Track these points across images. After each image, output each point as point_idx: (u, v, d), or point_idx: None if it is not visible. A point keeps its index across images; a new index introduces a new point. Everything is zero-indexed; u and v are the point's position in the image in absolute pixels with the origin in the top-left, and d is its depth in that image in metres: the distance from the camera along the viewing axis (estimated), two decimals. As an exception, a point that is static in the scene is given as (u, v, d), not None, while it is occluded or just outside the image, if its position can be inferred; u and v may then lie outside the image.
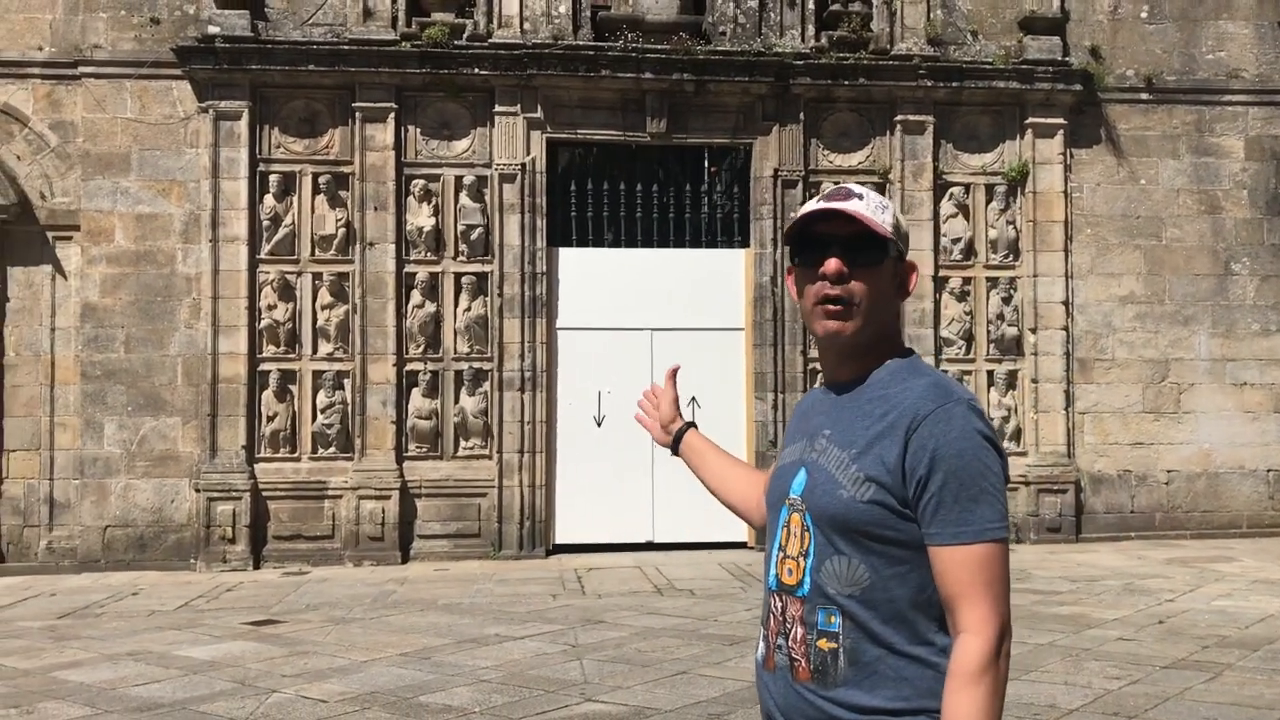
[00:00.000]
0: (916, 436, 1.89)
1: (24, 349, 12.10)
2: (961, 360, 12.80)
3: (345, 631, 8.58)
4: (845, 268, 1.99)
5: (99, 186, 11.96)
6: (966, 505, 1.85)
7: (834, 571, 1.95)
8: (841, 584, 1.94)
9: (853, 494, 1.93)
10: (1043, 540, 12.59)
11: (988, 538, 1.85)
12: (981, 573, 1.84)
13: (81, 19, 12.10)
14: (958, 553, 1.85)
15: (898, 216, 2.06)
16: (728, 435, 12.61)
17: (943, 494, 1.86)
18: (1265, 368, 13.24)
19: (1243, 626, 8.38)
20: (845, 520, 1.93)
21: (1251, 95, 13.36)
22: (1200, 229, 13.26)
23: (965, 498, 1.85)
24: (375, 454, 12.03)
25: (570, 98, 12.40)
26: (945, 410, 1.90)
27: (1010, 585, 1.89)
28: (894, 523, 1.90)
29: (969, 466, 1.86)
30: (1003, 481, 1.90)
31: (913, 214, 12.64)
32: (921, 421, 1.89)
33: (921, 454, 1.87)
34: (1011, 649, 1.89)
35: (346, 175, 12.20)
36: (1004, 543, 1.87)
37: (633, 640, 8.10)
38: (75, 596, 10.34)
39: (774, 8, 12.69)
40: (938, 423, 1.88)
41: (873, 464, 1.92)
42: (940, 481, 1.86)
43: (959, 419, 1.89)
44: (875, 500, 1.91)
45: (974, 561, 1.84)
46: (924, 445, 1.88)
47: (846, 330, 2.01)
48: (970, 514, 1.85)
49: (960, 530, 1.85)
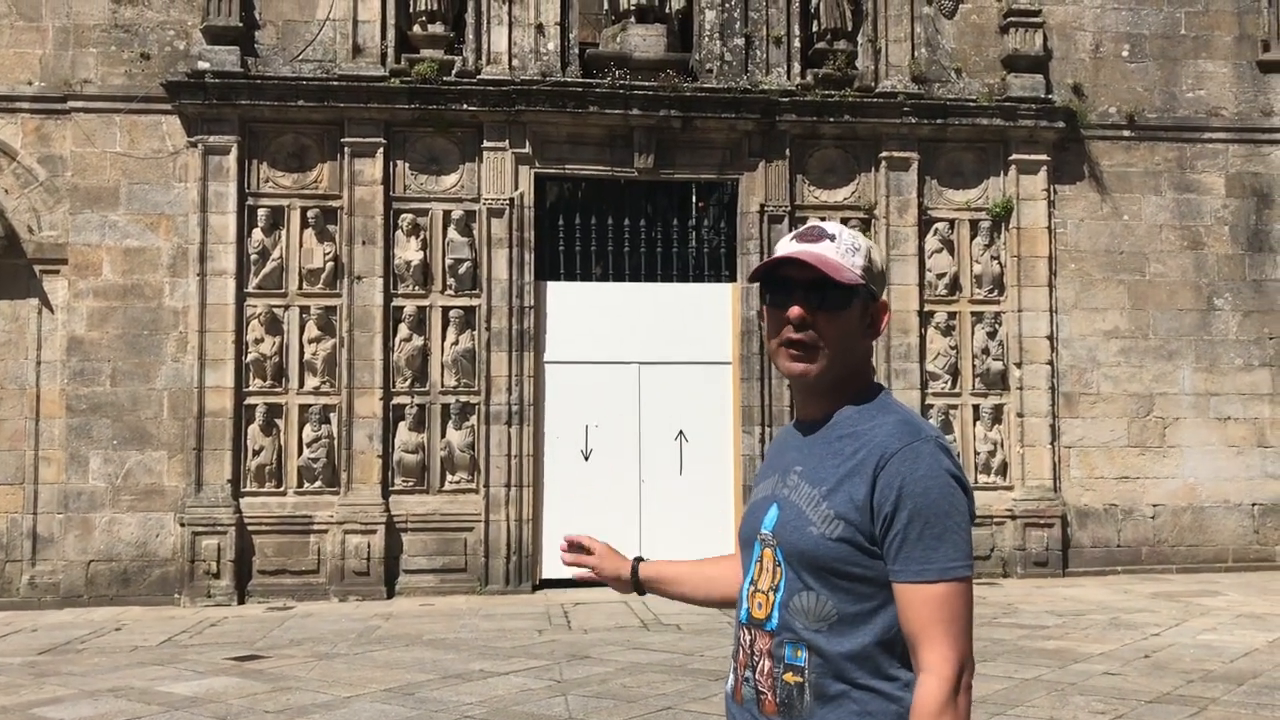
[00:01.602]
0: (884, 474, 1.90)
1: (9, 382, 12.06)
2: (947, 394, 12.86)
3: (329, 667, 8.53)
4: (806, 315, 2.02)
5: (87, 220, 11.98)
6: (930, 544, 1.87)
7: (802, 607, 1.96)
8: (809, 619, 1.96)
9: (822, 531, 1.94)
10: (1029, 574, 12.59)
11: (950, 576, 1.86)
12: (942, 611, 1.85)
13: (72, 54, 12.16)
14: (920, 591, 1.86)
15: (871, 256, 2.06)
16: (715, 468, 12.63)
17: (907, 531, 1.87)
18: (1248, 402, 13.32)
19: (1228, 661, 8.38)
20: (814, 557, 1.95)
21: (1231, 133, 13.54)
22: (1183, 264, 13.38)
23: (929, 536, 1.87)
24: (361, 488, 11.99)
25: (558, 133, 12.49)
26: (912, 449, 1.91)
27: (972, 623, 1.90)
28: (862, 560, 1.92)
29: (934, 505, 1.88)
30: (968, 520, 1.91)
31: (898, 249, 12.73)
32: (889, 459, 1.91)
33: (889, 491, 1.89)
34: (976, 684, 1.90)
35: (335, 210, 12.25)
36: (966, 581, 1.88)
37: (618, 675, 8.06)
38: (57, 632, 10.26)
39: (760, 46, 12.83)
40: (905, 460, 1.90)
41: (842, 502, 1.93)
42: (905, 519, 1.87)
43: (926, 457, 1.91)
44: (844, 538, 1.92)
45: (936, 600, 1.85)
46: (890, 483, 1.89)
47: (810, 372, 2.03)
48: (933, 552, 1.86)
49: (923, 568, 1.86)
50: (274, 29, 12.36)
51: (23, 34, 12.22)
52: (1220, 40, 13.62)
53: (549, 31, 12.54)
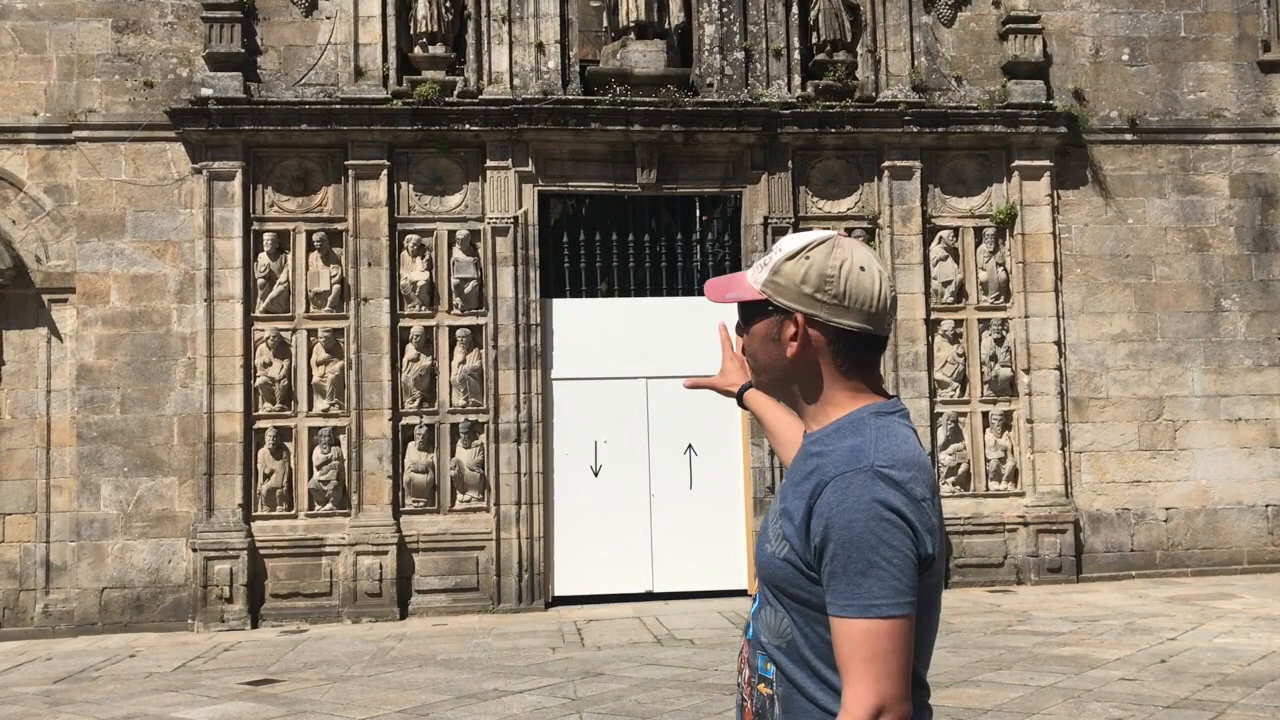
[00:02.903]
0: (818, 503, 1.84)
1: (20, 412, 12.11)
2: (956, 402, 12.84)
3: (343, 690, 8.52)
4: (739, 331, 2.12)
5: (94, 248, 12.04)
6: (854, 579, 1.78)
7: (766, 621, 1.97)
8: (771, 634, 1.96)
9: (774, 549, 1.92)
10: (1043, 581, 12.54)
11: (873, 614, 1.76)
12: (863, 648, 1.76)
13: (76, 84, 12.24)
14: (844, 625, 1.78)
15: (783, 269, 1.96)
16: (725, 482, 12.62)
17: (833, 565, 1.80)
18: (1258, 403, 13.28)
19: (1245, 664, 8.34)
20: (768, 574, 1.95)
21: (1234, 134, 13.52)
22: (1189, 266, 13.36)
23: (853, 571, 1.78)
24: (372, 509, 12.00)
25: (561, 151, 12.53)
26: (844, 479, 1.83)
27: (904, 663, 1.78)
28: (803, 583, 1.87)
29: (858, 539, 1.78)
30: (903, 555, 1.79)
31: (903, 258, 12.74)
32: (824, 488, 1.84)
33: (819, 521, 1.83)
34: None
35: (340, 232, 12.29)
36: (895, 619, 1.77)
37: (632, 692, 8.05)
38: (71, 660, 10.27)
39: (760, 59, 12.87)
40: (835, 490, 1.82)
41: (788, 522, 1.90)
42: (832, 552, 1.80)
43: (856, 488, 1.81)
44: (787, 559, 1.89)
45: (858, 636, 1.77)
46: (821, 512, 1.83)
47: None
48: (857, 588, 1.78)
49: (847, 604, 1.78)
50: (276, 54, 12.43)
51: (27, 65, 12.31)
52: (1220, 42, 13.63)
53: (549, 50, 12.60)
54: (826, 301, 1.94)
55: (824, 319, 1.95)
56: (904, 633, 1.78)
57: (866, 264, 1.94)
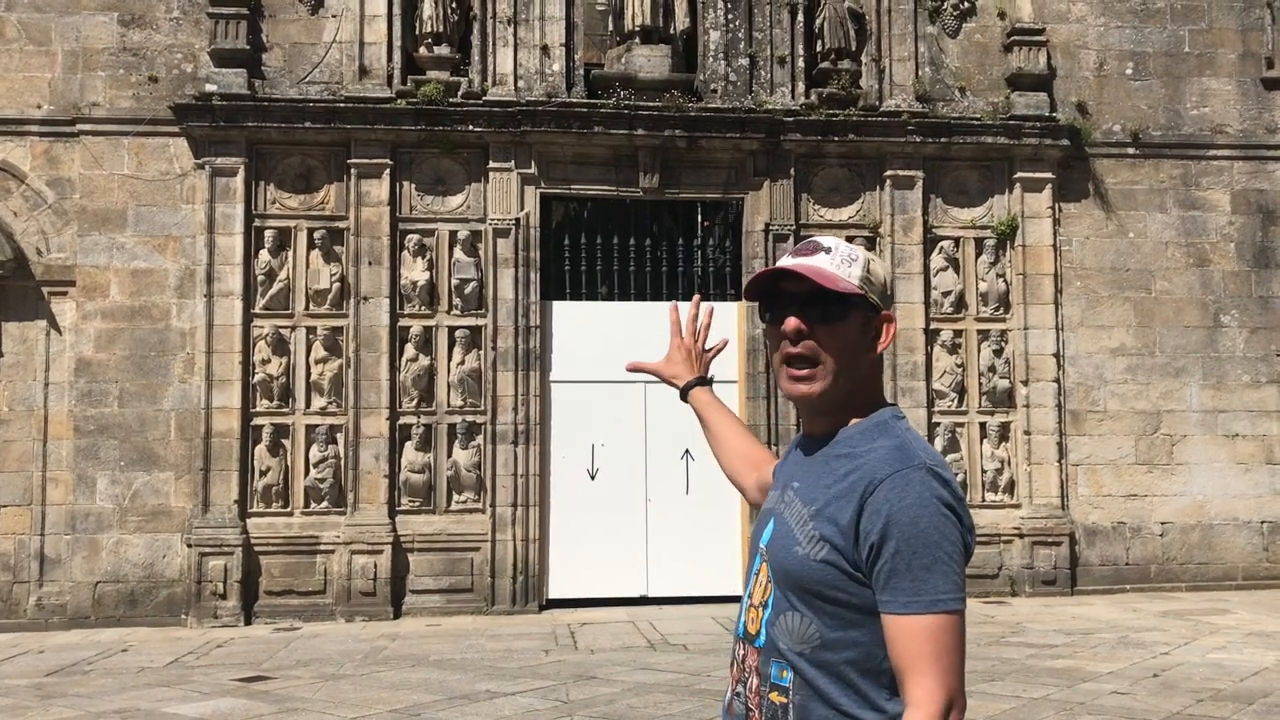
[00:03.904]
0: (872, 501, 1.84)
1: (17, 404, 12.11)
2: (954, 412, 12.84)
3: (335, 688, 8.51)
4: (804, 326, 1.97)
5: (95, 242, 12.04)
6: (919, 575, 1.79)
7: (787, 627, 1.93)
8: (793, 640, 1.92)
9: (807, 551, 1.90)
10: (1038, 593, 12.54)
11: (939, 609, 1.79)
12: (930, 644, 1.78)
13: (80, 78, 12.25)
14: (908, 622, 1.79)
15: (870, 268, 2.01)
16: (721, 488, 12.60)
17: (895, 561, 1.80)
18: (1256, 419, 13.29)
19: (1237, 680, 8.34)
20: (798, 578, 1.91)
21: (1236, 150, 13.54)
22: (1189, 281, 13.37)
23: (918, 566, 1.80)
24: (368, 508, 12.00)
25: (564, 153, 12.54)
26: (902, 475, 1.84)
27: (964, 658, 1.83)
28: (845, 585, 1.86)
29: (923, 534, 1.80)
30: (960, 551, 1.84)
31: (903, 267, 12.74)
32: (878, 486, 1.84)
33: (875, 519, 1.83)
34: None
35: (341, 230, 12.29)
36: (957, 614, 1.81)
37: (624, 696, 8.04)
38: (64, 654, 10.26)
39: (764, 66, 12.88)
40: (894, 488, 1.83)
41: (827, 524, 1.88)
42: (894, 549, 1.80)
43: (916, 485, 1.83)
44: (827, 560, 1.87)
45: (924, 632, 1.78)
46: (879, 510, 1.83)
47: (814, 392, 1.99)
48: (923, 584, 1.79)
49: (912, 600, 1.79)
50: (281, 51, 12.44)
51: (32, 58, 12.32)
52: (1224, 58, 13.65)
53: (554, 53, 12.61)
54: (889, 302, 2.05)
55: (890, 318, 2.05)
56: (963, 627, 1.83)
57: None
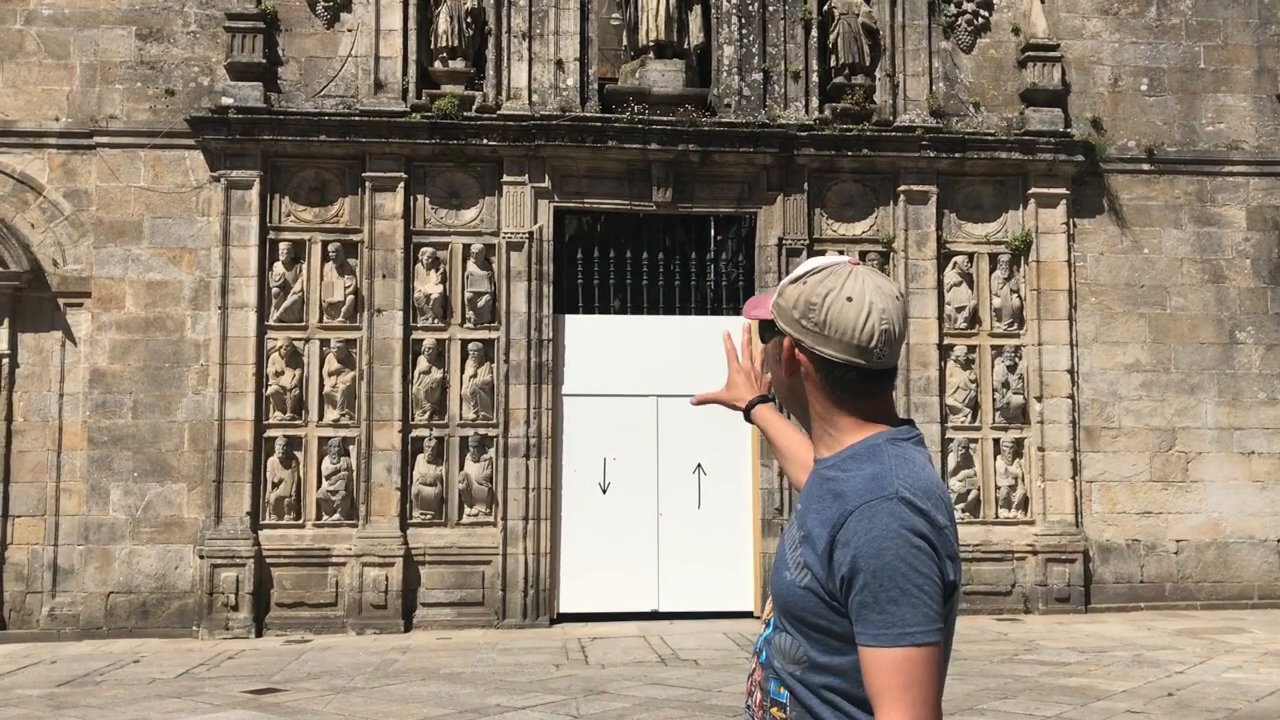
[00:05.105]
0: (842, 533, 1.83)
1: (32, 414, 12.16)
2: (967, 428, 12.79)
3: (346, 701, 8.50)
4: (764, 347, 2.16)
5: (111, 254, 12.11)
6: (886, 608, 1.77)
7: (780, 647, 1.95)
8: (785, 660, 1.94)
9: (794, 577, 1.90)
10: (1051, 610, 12.46)
11: (906, 642, 1.77)
12: (899, 676, 1.76)
13: (98, 90, 12.33)
14: (877, 654, 1.78)
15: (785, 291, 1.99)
16: (733, 502, 12.59)
17: (864, 595, 1.79)
18: (1272, 436, 13.20)
19: (1253, 699, 8.26)
20: (786, 602, 1.92)
21: (1252, 166, 13.50)
22: (1204, 298, 13.31)
23: (884, 600, 1.78)
24: (379, 521, 12.00)
25: (578, 168, 12.56)
26: (870, 507, 1.82)
27: (939, 687, 1.81)
28: (826, 613, 1.85)
29: (888, 567, 1.78)
30: (933, 581, 1.80)
31: (916, 282, 12.73)
32: (848, 517, 1.83)
33: (845, 551, 1.81)
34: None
35: (355, 243, 12.33)
36: (928, 646, 1.78)
37: (635, 711, 8.01)
38: (75, 664, 10.27)
39: (778, 80, 12.90)
40: (861, 519, 1.81)
41: (809, 551, 1.88)
42: (862, 582, 1.79)
43: (884, 516, 1.81)
44: (809, 588, 1.87)
45: (893, 664, 1.77)
46: (847, 543, 1.81)
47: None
48: (891, 616, 1.77)
49: (880, 633, 1.78)
50: (297, 65, 12.51)
51: (51, 71, 12.41)
52: (1240, 74, 13.61)
53: (569, 67, 12.65)
54: (809, 329, 1.95)
55: (809, 346, 1.96)
56: (936, 659, 1.80)
57: (856, 295, 1.91)
